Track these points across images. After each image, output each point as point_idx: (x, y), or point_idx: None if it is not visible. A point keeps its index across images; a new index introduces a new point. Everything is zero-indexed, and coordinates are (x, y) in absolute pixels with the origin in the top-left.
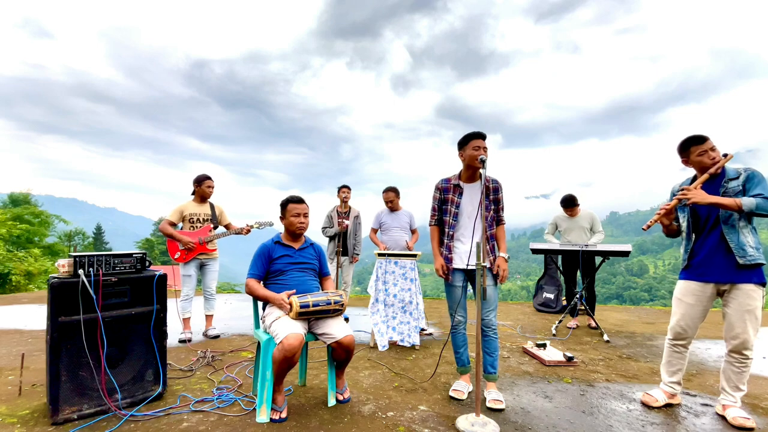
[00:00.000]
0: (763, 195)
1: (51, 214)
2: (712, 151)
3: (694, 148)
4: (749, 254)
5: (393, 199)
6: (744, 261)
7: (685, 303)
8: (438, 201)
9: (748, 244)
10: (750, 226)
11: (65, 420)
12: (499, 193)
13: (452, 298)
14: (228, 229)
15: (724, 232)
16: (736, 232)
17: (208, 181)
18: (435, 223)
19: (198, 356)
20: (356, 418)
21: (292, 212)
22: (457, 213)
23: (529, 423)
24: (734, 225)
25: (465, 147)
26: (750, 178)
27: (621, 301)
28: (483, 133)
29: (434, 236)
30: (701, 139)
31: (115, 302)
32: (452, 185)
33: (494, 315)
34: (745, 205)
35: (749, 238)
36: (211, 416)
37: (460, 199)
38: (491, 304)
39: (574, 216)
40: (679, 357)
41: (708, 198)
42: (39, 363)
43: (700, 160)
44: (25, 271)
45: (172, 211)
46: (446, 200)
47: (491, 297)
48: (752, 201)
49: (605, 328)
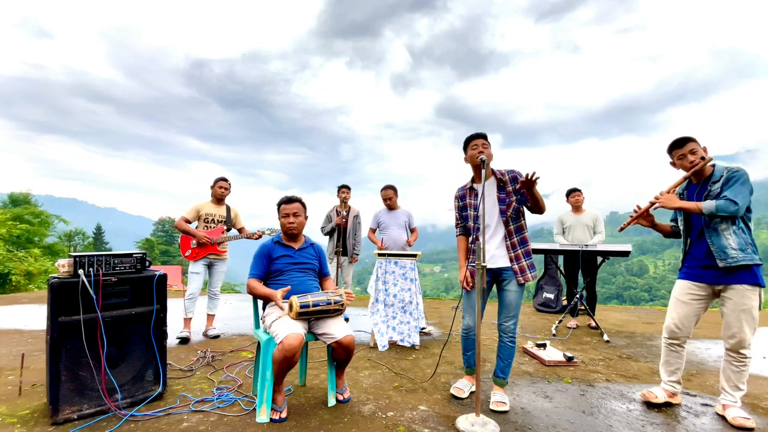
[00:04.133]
0: (727, 196)
1: (51, 214)
2: (691, 155)
3: (675, 152)
4: (730, 256)
5: (391, 197)
6: (725, 264)
7: (681, 302)
8: (459, 209)
9: (730, 246)
10: (734, 228)
11: (65, 420)
12: (518, 181)
13: (469, 300)
14: (240, 233)
15: (706, 236)
16: (718, 235)
17: (220, 182)
18: (460, 233)
19: (198, 356)
20: (356, 418)
21: (281, 213)
22: (476, 216)
23: (529, 423)
24: (716, 228)
25: (466, 150)
26: (727, 180)
27: (621, 301)
28: (481, 133)
29: (460, 247)
30: (680, 142)
31: (115, 302)
32: (467, 189)
33: (514, 322)
34: (705, 208)
35: (731, 240)
36: (211, 416)
37: (476, 201)
38: (511, 310)
39: (579, 212)
40: (676, 356)
41: (675, 203)
42: (39, 363)
43: (681, 164)
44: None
45: (189, 209)
46: (465, 206)
47: (512, 303)
48: (712, 204)
49: (605, 328)
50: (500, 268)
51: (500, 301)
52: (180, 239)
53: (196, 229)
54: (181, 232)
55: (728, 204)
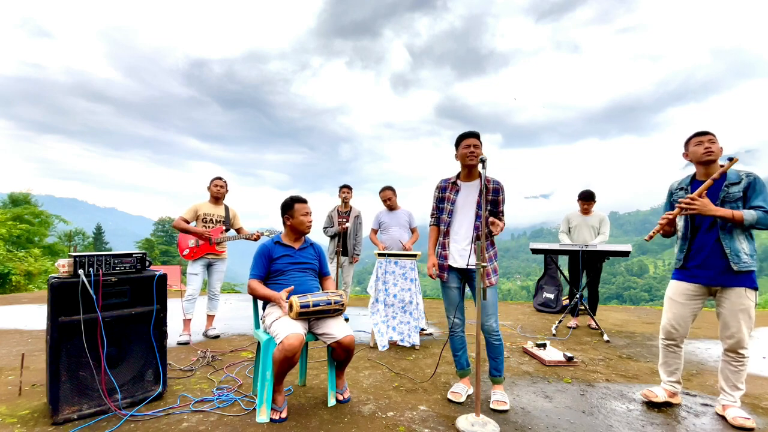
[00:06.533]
0: (764, 208)
1: (51, 214)
2: (710, 143)
3: (694, 139)
4: (743, 261)
5: (390, 198)
6: (738, 267)
7: (677, 303)
8: (437, 200)
9: (743, 251)
10: (746, 233)
11: (65, 420)
12: (499, 195)
13: (448, 299)
14: (239, 233)
15: (721, 238)
16: (733, 239)
17: (216, 181)
18: (434, 223)
19: (198, 356)
20: (356, 418)
21: (300, 212)
22: (452, 210)
23: (529, 423)
24: (731, 231)
25: (458, 147)
26: (752, 186)
27: (621, 301)
28: (474, 131)
29: (432, 236)
30: (704, 132)
31: (115, 302)
32: (450, 184)
33: (494, 320)
34: (747, 219)
35: (744, 245)
36: (211, 416)
37: (456, 197)
38: (489, 308)
39: (587, 214)
40: (674, 356)
41: (712, 210)
42: (39, 363)
43: (695, 150)
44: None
45: (187, 209)
46: (444, 198)
47: (489, 301)
48: (753, 215)
49: (605, 328)
50: (471, 269)
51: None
52: (177, 239)
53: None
54: (180, 232)
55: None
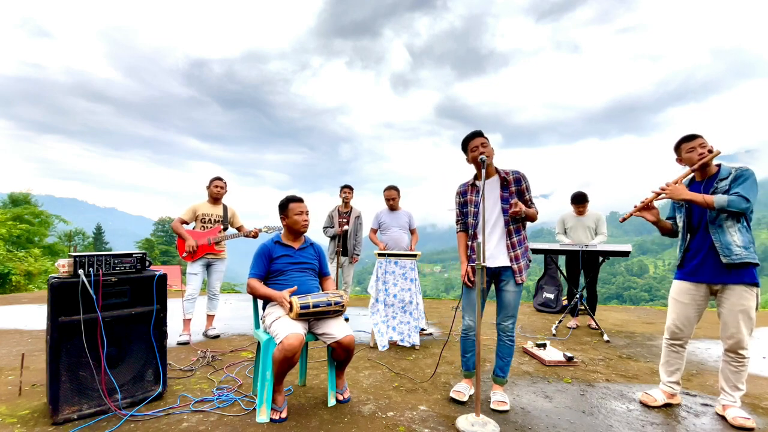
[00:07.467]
0: (739, 193)
1: (51, 214)
2: (701, 147)
3: (685, 146)
4: (735, 253)
5: (395, 197)
6: (728, 260)
7: (680, 303)
8: (460, 205)
9: (735, 243)
10: (739, 225)
11: (65, 420)
12: (522, 184)
13: (468, 299)
14: (239, 231)
15: (710, 232)
16: (723, 232)
17: (215, 181)
18: (461, 229)
19: (198, 356)
20: (356, 418)
21: (295, 211)
22: (477, 212)
23: (529, 423)
24: (721, 224)
25: (466, 151)
26: (736, 177)
27: (621, 301)
28: (478, 131)
29: (461, 243)
30: (690, 137)
31: (115, 302)
32: (469, 186)
33: (512, 322)
34: (717, 202)
35: (736, 237)
36: (211, 416)
37: (477, 198)
38: (510, 310)
39: (582, 215)
40: (676, 357)
41: (684, 194)
42: (39, 363)
43: (689, 157)
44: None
45: (185, 209)
46: (466, 202)
47: (510, 303)
48: (724, 198)
49: (605, 328)
50: (499, 268)
51: (499, 300)
52: (177, 240)
53: (193, 229)
54: (177, 235)
55: (740, 200)
